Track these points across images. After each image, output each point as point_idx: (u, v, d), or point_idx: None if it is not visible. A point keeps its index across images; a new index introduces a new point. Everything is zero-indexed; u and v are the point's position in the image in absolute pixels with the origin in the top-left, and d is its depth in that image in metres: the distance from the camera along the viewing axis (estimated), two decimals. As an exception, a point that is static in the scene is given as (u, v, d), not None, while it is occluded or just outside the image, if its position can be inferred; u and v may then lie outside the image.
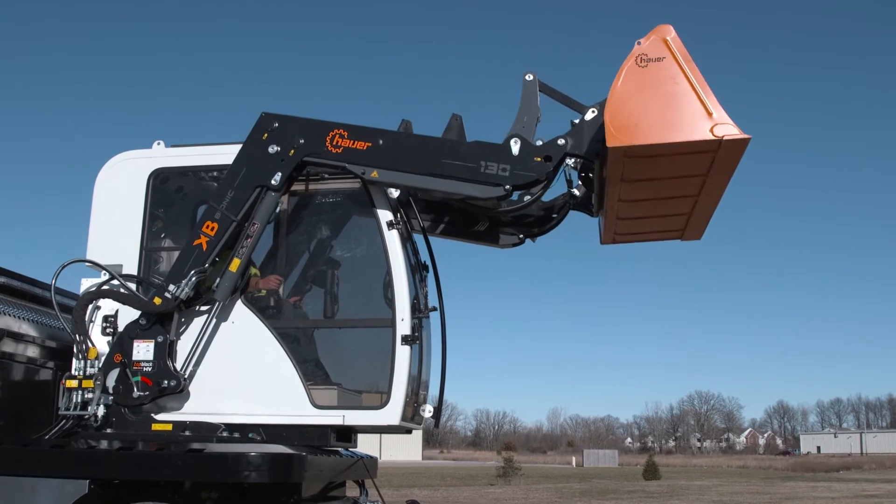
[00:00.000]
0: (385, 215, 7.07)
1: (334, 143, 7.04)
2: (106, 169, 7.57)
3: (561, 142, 6.88)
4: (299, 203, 7.69)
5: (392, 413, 6.82)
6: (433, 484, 44.00)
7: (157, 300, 6.89)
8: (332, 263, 7.50)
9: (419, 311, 7.30)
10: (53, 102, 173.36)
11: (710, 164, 6.41)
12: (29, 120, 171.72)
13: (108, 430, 6.87)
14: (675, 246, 7.57)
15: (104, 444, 6.75)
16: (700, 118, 6.17)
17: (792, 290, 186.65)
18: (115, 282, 7.13)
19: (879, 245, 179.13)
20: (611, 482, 50.03)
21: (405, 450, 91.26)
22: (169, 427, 6.85)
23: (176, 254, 7.87)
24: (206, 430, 6.81)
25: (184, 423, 6.87)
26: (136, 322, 6.99)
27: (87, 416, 6.80)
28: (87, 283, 7.32)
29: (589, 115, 6.87)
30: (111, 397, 6.87)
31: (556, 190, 7.34)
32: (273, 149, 7.08)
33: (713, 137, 6.10)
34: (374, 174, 6.96)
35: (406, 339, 6.87)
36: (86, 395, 6.83)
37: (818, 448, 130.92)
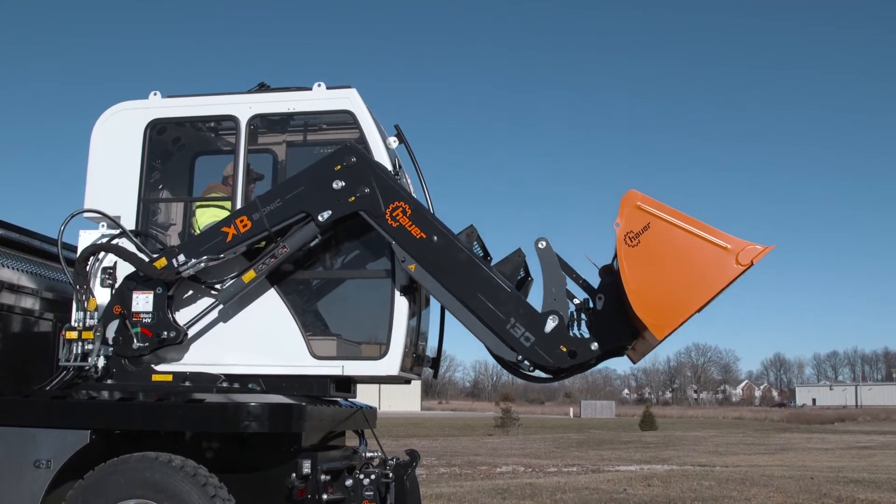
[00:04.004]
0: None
1: (394, 215, 6.66)
2: (102, 120, 7.47)
3: (594, 346, 6.44)
4: (299, 153, 7.64)
5: (391, 363, 6.84)
6: (432, 434, 44.54)
7: (162, 263, 6.78)
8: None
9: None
10: (47, 58, 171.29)
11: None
12: (24, 78, 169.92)
13: (109, 381, 6.89)
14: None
15: (105, 395, 6.77)
16: (720, 257, 5.92)
17: (789, 244, 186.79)
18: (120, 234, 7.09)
19: (875, 199, 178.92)
20: (608, 433, 50.64)
21: (404, 400, 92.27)
22: (169, 378, 6.87)
23: (174, 206, 7.86)
24: (205, 381, 6.83)
25: (184, 373, 6.88)
26: (135, 273, 6.95)
27: (87, 368, 6.80)
28: (85, 236, 7.29)
29: (599, 304, 6.55)
30: (111, 348, 6.88)
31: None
32: (338, 184, 6.71)
33: (744, 266, 5.87)
34: (412, 267, 6.64)
35: (405, 290, 6.87)
36: (86, 347, 6.81)
37: (813, 400, 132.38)
